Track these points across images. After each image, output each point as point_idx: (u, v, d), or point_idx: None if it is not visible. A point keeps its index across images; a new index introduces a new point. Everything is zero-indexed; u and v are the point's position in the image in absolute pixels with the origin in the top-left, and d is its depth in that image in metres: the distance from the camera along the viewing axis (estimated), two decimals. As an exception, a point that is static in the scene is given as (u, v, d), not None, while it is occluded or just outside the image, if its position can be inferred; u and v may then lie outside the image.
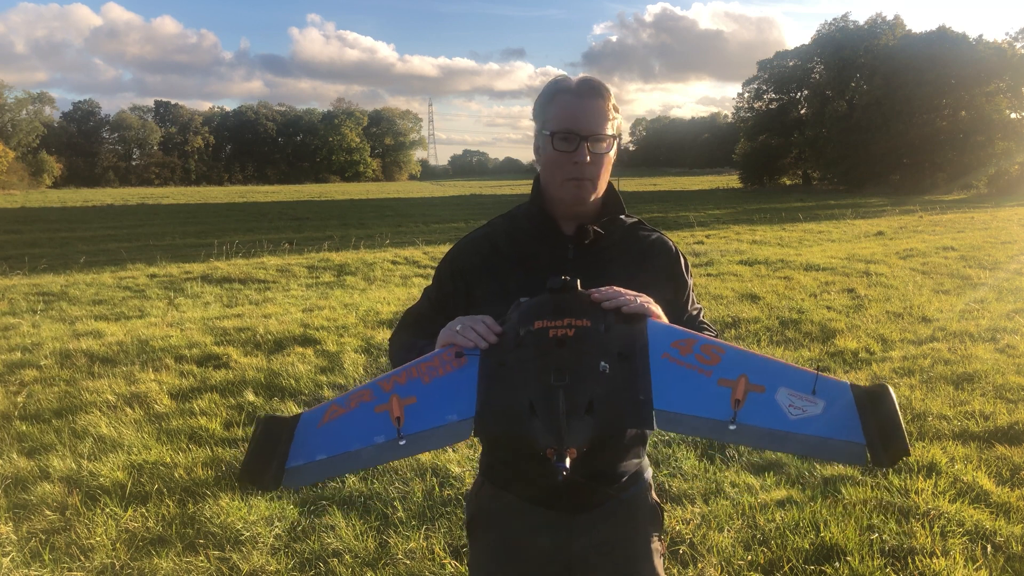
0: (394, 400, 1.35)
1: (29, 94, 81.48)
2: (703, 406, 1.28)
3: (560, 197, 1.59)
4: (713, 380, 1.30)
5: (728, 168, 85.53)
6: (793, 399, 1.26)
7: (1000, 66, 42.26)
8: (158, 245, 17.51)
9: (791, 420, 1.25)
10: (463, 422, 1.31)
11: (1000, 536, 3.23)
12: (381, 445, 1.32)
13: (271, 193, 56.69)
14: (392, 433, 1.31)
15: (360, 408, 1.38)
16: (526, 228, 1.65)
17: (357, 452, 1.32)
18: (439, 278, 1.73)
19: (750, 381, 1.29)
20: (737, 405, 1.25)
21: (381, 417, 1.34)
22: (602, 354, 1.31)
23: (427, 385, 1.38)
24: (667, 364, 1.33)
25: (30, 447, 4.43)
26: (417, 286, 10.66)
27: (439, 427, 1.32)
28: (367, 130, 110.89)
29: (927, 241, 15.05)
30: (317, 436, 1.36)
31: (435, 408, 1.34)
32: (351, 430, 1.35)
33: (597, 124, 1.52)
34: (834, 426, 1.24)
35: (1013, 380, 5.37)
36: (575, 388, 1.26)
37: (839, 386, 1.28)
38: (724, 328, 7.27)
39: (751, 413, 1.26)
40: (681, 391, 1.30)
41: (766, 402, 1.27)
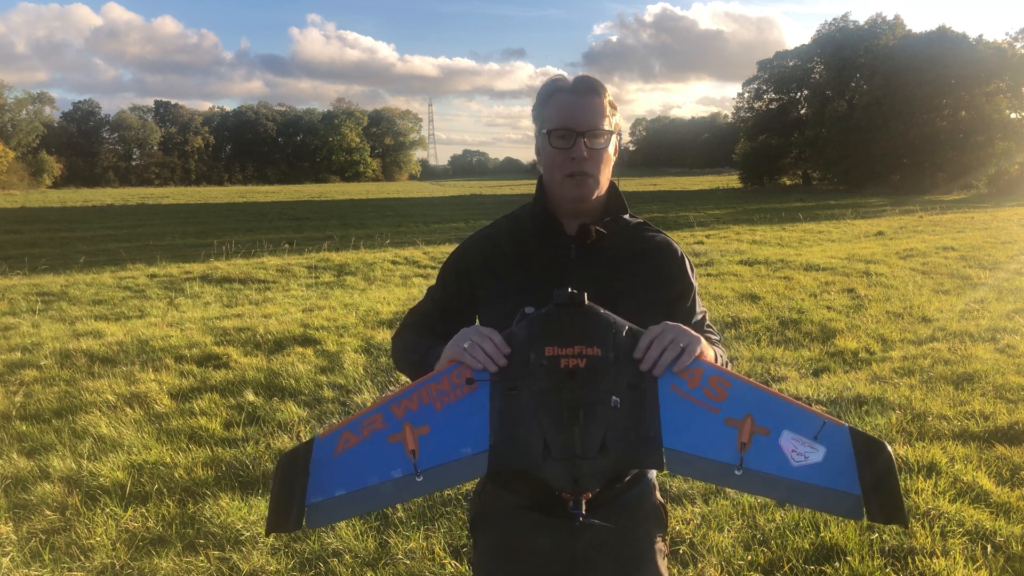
0: (407, 429, 1.35)
1: (29, 94, 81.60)
2: (710, 447, 1.31)
3: (561, 195, 1.59)
4: (720, 419, 1.33)
5: (728, 168, 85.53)
6: (796, 444, 1.30)
7: (1000, 66, 42.27)
8: (158, 245, 17.51)
9: (793, 467, 1.28)
10: (478, 456, 1.33)
11: (1000, 536, 3.23)
12: (399, 481, 1.33)
13: (271, 193, 56.70)
14: (409, 467, 1.32)
15: (373, 437, 1.37)
16: (529, 228, 1.65)
17: (376, 487, 1.33)
18: (443, 278, 1.73)
19: (755, 422, 1.31)
20: (743, 448, 1.29)
21: (395, 448, 1.34)
22: (613, 386, 1.33)
23: (439, 413, 1.37)
24: (675, 398, 1.34)
25: (30, 447, 4.43)
26: (417, 286, 10.66)
27: (455, 461, 1.33)
28: (367, 130, 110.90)
29: (927, 241, 15.05)
30: (333, 468, 1.36)
31: (449, 439, 1.34)
32: (367, 462, 1.35)
33: (593, 119, 1.52)
34: (833, 475, 1.27)
35: (1013, 380, 5.37)
36: (588, 428, 1.28)
37: (839, 432, 1.30)
38: (724, 328, 7.27)
39: (756, 458, 1.29)
40: (689, 429, 1.32)
41: (770, 446, 1.30)
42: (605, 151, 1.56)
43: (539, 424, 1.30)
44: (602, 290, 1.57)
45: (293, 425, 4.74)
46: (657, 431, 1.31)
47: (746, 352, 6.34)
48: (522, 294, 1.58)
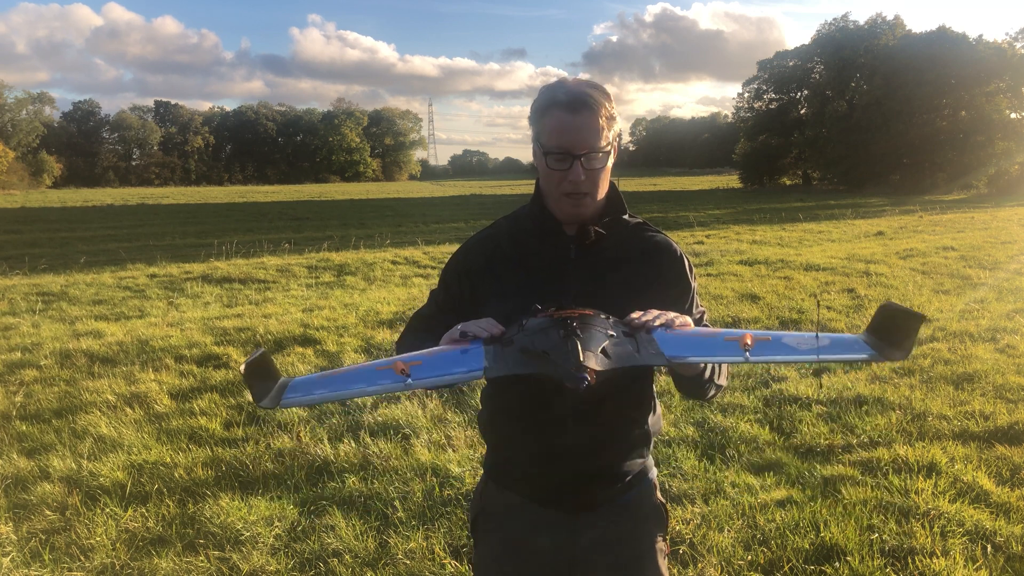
0: (397, 363, 1.33)
1: (29, 94, 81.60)
2: (714, 352, 1.35)
3: (559, 210, 1.60)
4: (719, 337, 1.37)
5: (728, 168, 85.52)
6: (799, 341, 1.34)
7: (1000, 66, 42.27)
8: (158, 245, 17.51)
9: (802, 350, 1.32)
10: (471, 372, 1.32)
11: (1000, 536, 3.23)
12: (388, 385, 1.30)
13: (271, 193, 56.70)
14: (398, 380, 1.29)
15: (360, 368, 1.37)
16: (529, 228, 1.65)
17: (361, 388, 1.31)
18: (445, 280, 1.73)
19: (755, 336, 1.34)
20: (747, 347, 1.30)
21: (384, 372, 1.32)
22: (610, 328, 1.35)
23: (430, 356, 1.38)
24: (670, 335, 1.38)
25: (30, 447, 4.43)
26: (417, 286, 10.66)
27: (447, 375, 1.33)
28: (367, 130, 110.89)
29: (927, 241, 15.05)
30: (314, 383, 1.34)
31: (441, 367, 1.34)
32: (352, 378, 1.33)
33: (590, 140, 1.50)
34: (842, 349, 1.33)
35: (1013, 380, 5.37)
36: (587, 340, 1.28)
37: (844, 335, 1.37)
38: (724, 328, 7.27)
39: (762, 352, 1.31)
40: (690, 345, 1.36)
41: (774, 343, 1.34)
42: (603, 169, 1.55)
43: (537, 343, 1.30)
44: (601, 290, 1.58)
45: (293, 425, 4.74)
46: (657, 348, 1.34)
47: (746, 352, 6.35)
48: (522, 294, 1.58)
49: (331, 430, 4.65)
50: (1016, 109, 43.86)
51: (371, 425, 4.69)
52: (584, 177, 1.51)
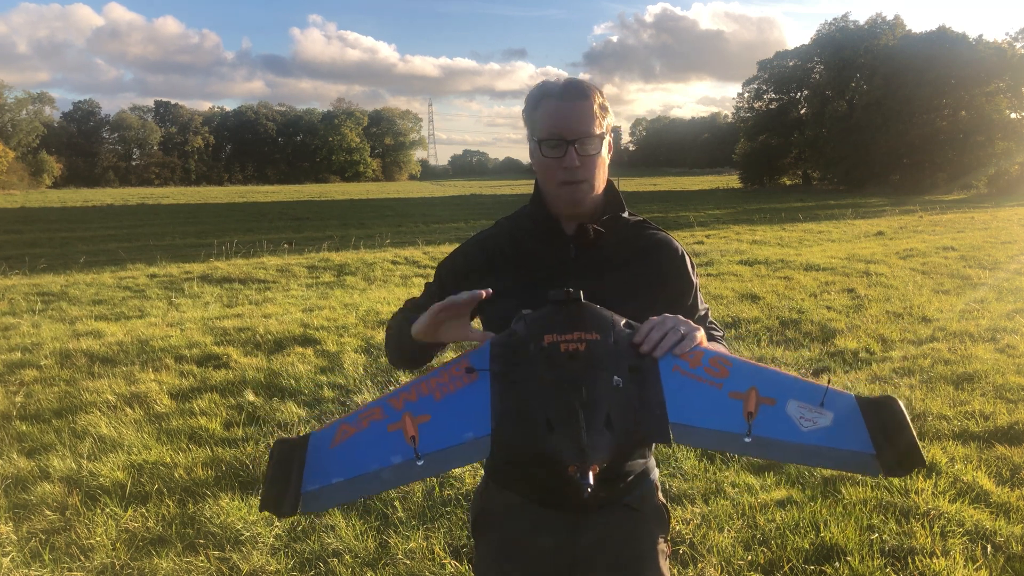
0: (407, 418, 1.33)
1: (29, 94, 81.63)
2: (717, 419, 1.29)
3: (557, 201, 1.59)
4: (724, 393, 1.32)
5: (728, 168, 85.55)
6: (803, 411, 1.29)
7: (1000, 66, 42.26)
8: (158, 245, 17.51)
9: (803, 432, 1.27)
10: (480, 440, 1.30)
11: (1000, 536, 3.23)
12: (399, 466, 1.29)
13: (271, 193, 56.70)
14: (409, 452, 1.29)
15: (372, 427, 1.35)
16: (528, 228, 1.65)
17: (375, 473, 1.29)
18: (441, 277, 1.73)
19: (760, 394, 1.30)
20: (750, 417, 1.27)
21: (395, 436, 1.31)
22: (614, 368, 1.31)
23: (439, 402, 1.36)
24: (678, 377, 1.34)
25: (30, 447, 4.44)
26: (417, 286, 10.66)
27: (457, 445, 1.30)
28: (367, 130, 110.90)
29: (927, 241, 15.05)
30: (330, 457, 1.33)
31: (450, 426, 1.32)
32: (366, 451, 1.32)
33: (584, 126, 1.51)
34: (844, 437, 1.26)
35: (1013, 380, 5.37)
36: (592, 403, 1.26)
37: (845, 398, 1.30)
38: (724, 328, 7.27)
39: (764, 425, 1.27)
40: (694, 404, 1.31)
41: (778, 415, 1.29)
42: (598, 155, 1.56)
43: (541, 404, 1.28)
44: (602, 289, 1.58)
45: (293, 425, 4.74)
46: (661, 406, 1.30)
47: (746, 352, 6.34)
48: (522, 294, 1.58)
49: (331, 430, 4.65)
50: (1016, 109, 43.86)
51: (371, 425, 4.68)
52: (579, 163, 1.52)
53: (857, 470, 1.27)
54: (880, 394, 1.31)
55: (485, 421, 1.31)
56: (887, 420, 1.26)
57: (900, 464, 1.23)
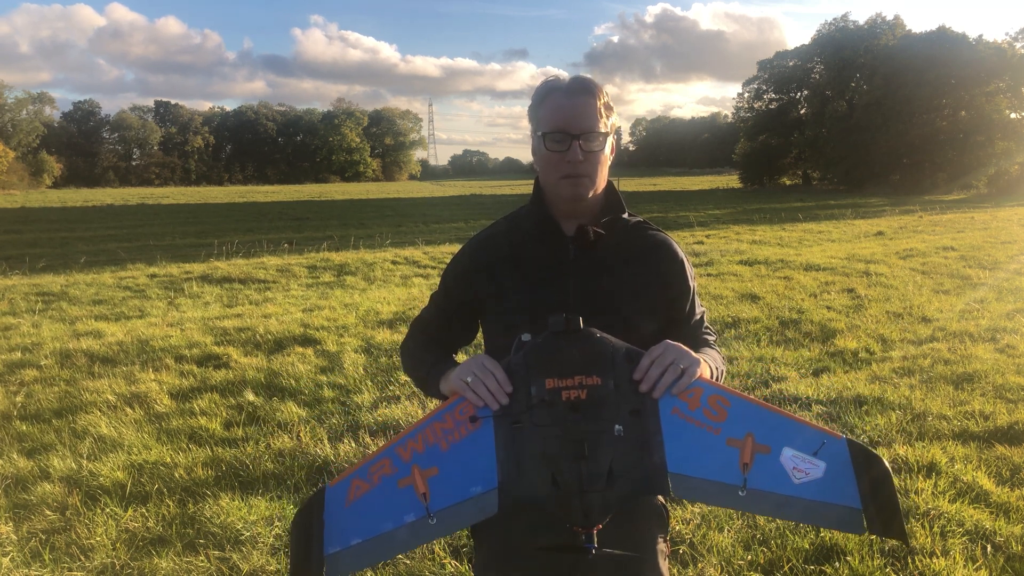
0: (416, 472, 1.38)
1: (29, 94, 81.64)
2: (714, 469, 1.34)
3: (558, 195, 1.59)
4: (722, 439, 1.35)
5: (728, 168, 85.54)
6: (796, 461, 1.33)
7: (1000, 66, 42.25)
8: (158, 245, 17.50)
9: (795, 484, 1.31)
10: (487, 494, 1.35)
11: (1000, 536, 3.23)
12: (413, 525, 1.36)
13: (271, 193, 56.68)
14: (421, 510, 1.35)
15: (383, 483, 1.40)
16: (528, 229, 1.65)
17: (391, 534, 1.36)
18: (445, 283, 1.74)
19: (756, 441, 1.34)
20: (745, 469, 1.31)
21: (406, 492, 1.37)
22: (615, 415, 1.34)
23: (446, 453, 1.40)
24: (677, 421, 1.37)
25: (30, 447, 4.43)
26: (417, 286, 10.66)
27: (465, 501, 1.36)
28: (367, 130, 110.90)
29: (927, 241, 15.04)
30: (347, 516, 1.39)
31: (457, 479, 1.37)
32: (379, 509, 1.38)
33: (588, 122, 1.52)
34: (834, 490, 1.30)
35: (1013, 380, 5.37)
36: (594, 459, 1.30)
37: (837, 443, 1.33)
38: (724, 328, 7.27)
39: (758, 477, 1.32)
40: (692, 451, 1.35)
41: (772, 464, 1.33)
42: (601, 152, 1.56)
43: (545, 459, 1.32)
44: (600, 290, 1.58)
45: (293, 425, 4.74)
46: (662, 457, 1.34)
47: (746, 352, 6.34)
48: (522, 294, 1.58)
49: (331, 430, 4.65)
50: (1016, 109, 43.86)
51: (371, 425, 4.69)
52: (582, 158, 1.52)
53: (843, 527, 1.32)
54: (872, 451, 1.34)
55: (491, 473, 1.36)
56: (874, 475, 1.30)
57: (881, 524, 1.28)
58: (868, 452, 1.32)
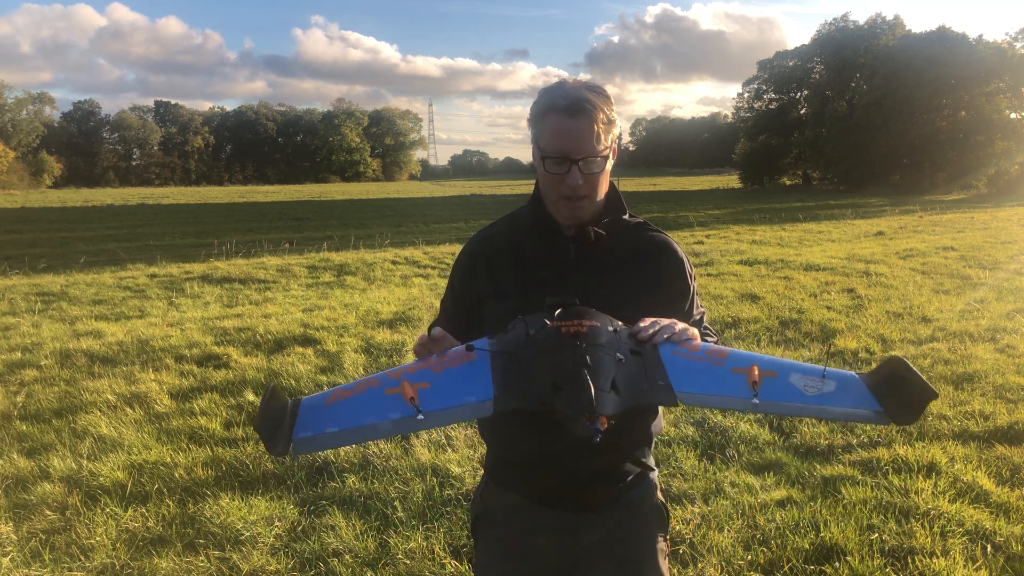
0: (405, 384, 1.30)
1: (29, 94, 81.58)
2: (722, 388, 1.32)
3: (557, 213, 1.59)
4: (726, 369, 1.35)
5: (728, 168, 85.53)
6: (806, 381, 1.33)
7: (1000, 66, 42.25)
8: (158, 245, 17.51)
9: (808, 396, 1.30)
10: (482, 403, 1.28)
11: (1000, 536, 3.23)
12: (398, 420, 1.26)
13: (271, 193, 56.69)
14: (409, 410, 1.26)
15: (369, 392, 1.32)
16: (528, 229, 1.65)
17: (372, 425, 1.26)
18: (452, 284, 1.74)
19: (761, 368, 1.34)
20: (755, 386, 1.30)
21: (393, 398, 1.28)
22: (616, 348, 1.33)
23: (439, 374, 1.34)
24: (678, 358, 1.37)
25: (30, 447, 4.43)
26: (417, 286, 10.66)
27: (457, 406, 1.28)
28: (367, 130, 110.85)
29: (927, 241, 15.04)
30: (324, 412, 1.30)
31: (450, 392, 1.30)
32: (362, 408, 1.29)
33: (588, 145, 1.50)
34: (849, 399, 1.30)
35: (1013, 380, 5.37)
36: (596, 369, 1.26)
37: (847, 376, 1.34)
38: (724, 328, 7.27)
39: (769, 391, 1.30)
40: (697, 377, 1.34)
41: (781, 383, 1.32)
42: (601, 172, 1.55)
43: (546, 370, 1.27)
44: (601, 290, 1.58)
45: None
46: (665, 378, 1.32)
47: (746, 352, 6.34)
48: (521, 294, 1.58)
49: (331, 430, 4.65)
50: (1016, 109, 43.85)
51: (371, 425, 4.68)
52: (582, 181, 1.51)
53: (867, 420, 1.30)
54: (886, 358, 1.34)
55: (486, 388, 1.30)
56: (890, 376, 1.30)
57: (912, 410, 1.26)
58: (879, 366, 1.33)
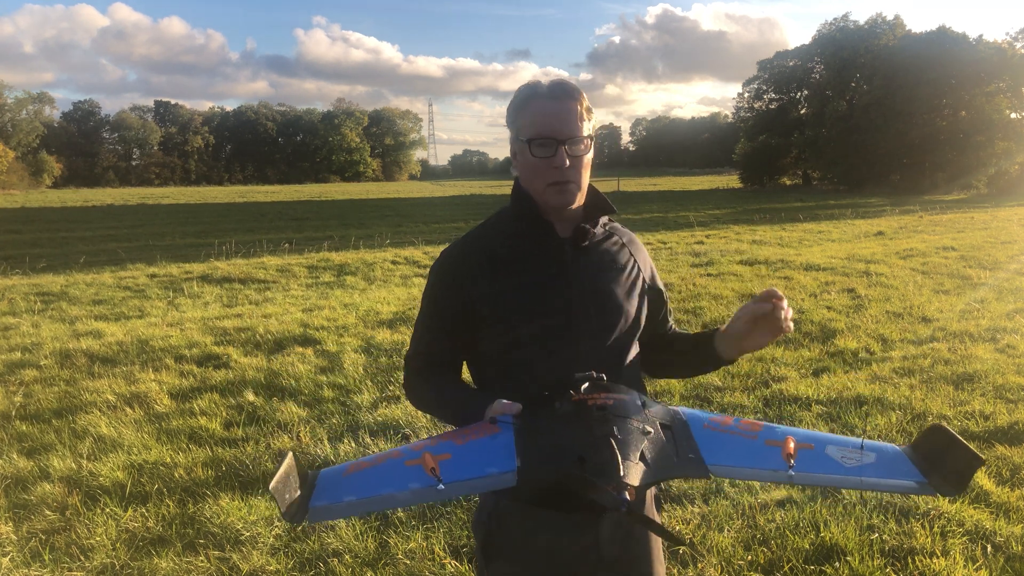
0: (427, 456, 1.23)
1: (29, 94, 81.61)
2: (755, 461, 1.25)
3: (545, 202, 1.58)
4: (760, 441, 1.29)
5: (728, 168, 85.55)
6: (844, 452, 1.26)
7: (1000, 66, 42.25)
8: (158, 245, 17.51)
9: (847, 467, 1.24)
10: (505, 473, 1.21)
11: (1000, 536, 3.23)
12: (417, 490, 1.19)
13: (271, 193, 56.69)
14: (430, 480, 1.19)
15: (389, 463, 1.26)
16: (518, 231, 1.63)
17: (392, 495, 1.19)
18: (433, 300, 1.66)
19: (797, 440, 1.27)
20: (790, 459, 1.23)
21: (414, 469, 1.22)
22: (645, 421, 1.27)
23: (461, 446, 1.28)
24: (710, 432, 1.30)
25: (30, 447, 4.44)
26: (417, 286, 10.66)
27: (480, 477, 1.22)
28: (367, 130, 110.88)
29: (927, 241, 15.05)
30: (344, 483, 1.23)
31: (473, 463, 1.24)
32: (382, 479, 1.23)
33: (573, 127, 1.51)
34: (892, 471, 1.23)
35: (1013, 380, 5.37)
36: (624, 442, 1.19)
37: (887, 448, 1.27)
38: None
39: (806, 464, 1.24)
40: (730, 451, 1.27)
41: (817, 456, 1.25)
42: (585, 156, 1.56)
43: (572, 442, 1.20)
44: (601, 290, 1.59)
45: (293, 425, 4.74)
46: (697, 452, 1.25)
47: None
48: (519, 296, 1.58)
49: (331, 430, 4.65)
50: (1016, 109, 43.84)
51: (371, 425, 4.69)
52: (568, 164, 1.52)
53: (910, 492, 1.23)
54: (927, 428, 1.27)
55: (510, 459, 1.23)
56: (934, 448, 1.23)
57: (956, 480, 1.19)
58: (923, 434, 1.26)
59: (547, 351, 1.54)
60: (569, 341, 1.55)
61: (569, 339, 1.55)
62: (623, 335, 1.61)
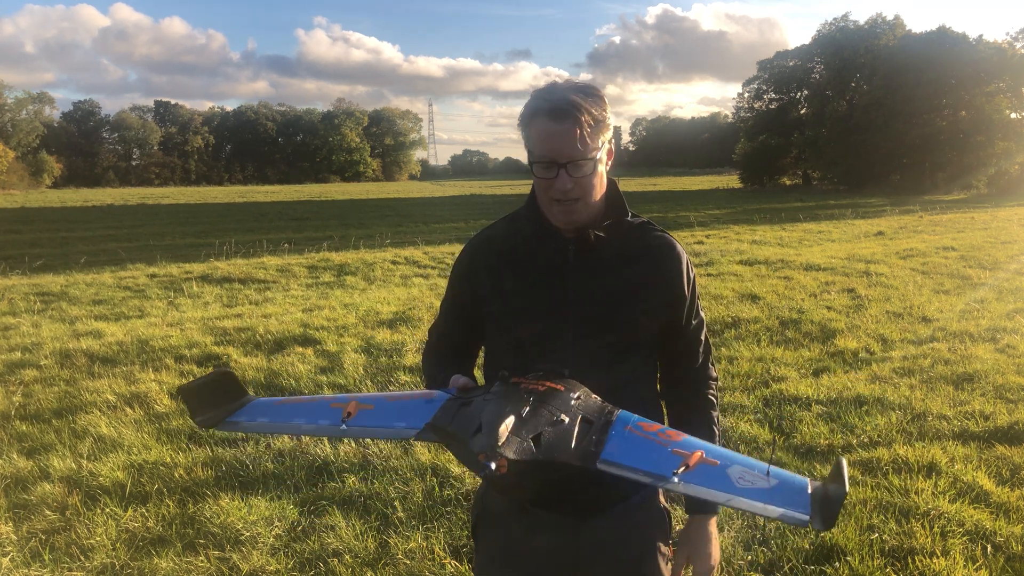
0: (352, 403, 1.41)
1: (29, 94, 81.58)
2: (649, 464, 1.27)
3: (551, 217, 1.58)
4: (668, 450, 1.30)
5: (728, 168, 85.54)
6: (745, 474, 1.25)
7: (1000, 66, 42.27)
8: (158, 245, 17.51)
9: (737, 487, 1.23)
10: (408, 429, 1.38)
11: (1000, 536, 3.23)
12: (322, 426, 1.40)
13: (271, 193, 56.69)
14: (336, 421, 1.39)
15: (318, 402, 1.47)
16: (526, 231, 1.64)
17: (297, 425, 1.42)
18: (452, 286, 1.74)
19: (705, 456, 1.27)
20: (683, 468, 1.24)
21: (334, 411, 1.41)
22: (565, 411, 1.31)
23: (389, 402, 1.44)
24: (627, 433, 1.33)
25: (30, 447, 4.43)
26: (417, 286, 10.66)
27: (385, 428, 1.39)
28: (367, 130, 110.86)
29: (927, 241, 15.05)
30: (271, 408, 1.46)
31: (386, 416, 1.40)
32: (302, 412, 1.44)
33: (574, 148, 1.47)
34: (783, 499, 1.21)
35: (1013, 380, 5.37)
36: (528, 422, 1.25)
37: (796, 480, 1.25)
38: (724, 328, 7.27)
39: (697, 476, 1.24)
40: (632, 452, 1.29)
41: (716, 472, 1.26)
42: (592, 175, 1.53)
43: (484, 415, 1.27)
44: (600, 290, 1.57)
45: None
46: (600, 446, 1.29)
47: (746, 352, 6.34)
48: (521, 295, 1.58)
49: (331, 430, 4.65)
50: (1016, 109, 43.87)
51: (371, 425, 4.69)
52: (571, 185, 1.50)
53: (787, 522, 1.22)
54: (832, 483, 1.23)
55: (422, 420, 1.37)
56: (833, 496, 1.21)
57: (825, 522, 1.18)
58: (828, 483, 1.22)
59: (545, 352, 1.54)
60: (564, 343, 1.55)
61: (564, 341, 1.55)
62: (617, 341, 1.58)
